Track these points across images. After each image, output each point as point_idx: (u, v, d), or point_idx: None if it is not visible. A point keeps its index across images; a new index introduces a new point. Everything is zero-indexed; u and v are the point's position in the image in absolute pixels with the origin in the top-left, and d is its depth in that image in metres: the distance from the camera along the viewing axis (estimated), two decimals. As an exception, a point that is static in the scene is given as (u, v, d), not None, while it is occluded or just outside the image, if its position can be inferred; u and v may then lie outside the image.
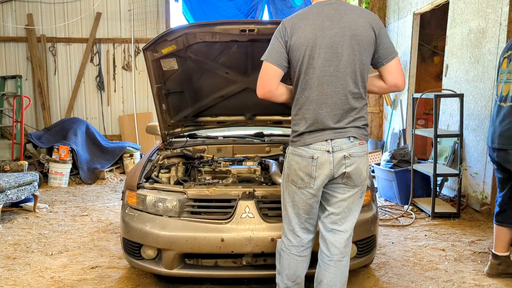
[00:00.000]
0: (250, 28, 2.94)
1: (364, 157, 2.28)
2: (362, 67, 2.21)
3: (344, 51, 2.17)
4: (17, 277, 3.16)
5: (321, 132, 2.22)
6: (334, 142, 2.21)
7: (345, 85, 2.19)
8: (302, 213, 2.33)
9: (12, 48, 7.57)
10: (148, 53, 3.13)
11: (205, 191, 2.80)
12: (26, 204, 4.99)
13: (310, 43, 2.18)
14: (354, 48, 2.17)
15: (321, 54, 2.17)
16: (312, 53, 2.18)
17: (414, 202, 4.89)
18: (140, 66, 7.70)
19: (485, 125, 4.59)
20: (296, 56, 2.21)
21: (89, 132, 6.98)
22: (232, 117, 3.91)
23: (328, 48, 2.17)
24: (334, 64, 2.18)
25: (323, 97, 2.20)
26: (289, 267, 2.39)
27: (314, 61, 2.18)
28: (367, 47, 2.19)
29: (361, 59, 2.19)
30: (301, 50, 2.19)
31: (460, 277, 3.15)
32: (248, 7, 7.43)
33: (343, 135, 2.22)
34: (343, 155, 2.21)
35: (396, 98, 6.95)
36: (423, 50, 7.44)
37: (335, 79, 2.19)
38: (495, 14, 4.46)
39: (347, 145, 2.22)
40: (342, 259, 2.32)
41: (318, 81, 2.20)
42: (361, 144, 2.26)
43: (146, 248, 2.79)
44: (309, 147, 2.22)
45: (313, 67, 2.19)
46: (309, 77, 2.21)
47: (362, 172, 2.27)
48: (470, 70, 4.90)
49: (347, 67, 2.18)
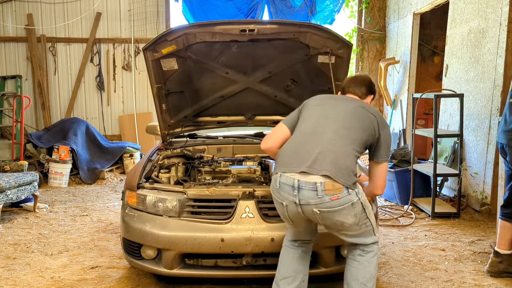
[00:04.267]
0: (250, 28, 2.94)
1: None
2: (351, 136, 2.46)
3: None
4: (17, 277, 3.16)
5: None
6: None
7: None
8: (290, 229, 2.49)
9: (12, 48, 7.57)
10: (148, 53, 3.13)
11: (205, 191, 2.80)
12: (26, 204, 4.99)
13: (319, 104, 2.58)
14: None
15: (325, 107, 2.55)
16: (318, 103, 2.61)
17: (414, 202, 4.89)
18: (140, 66, 7.69)
19: (485, 125, 4.59)
20: (304, 109, 2.60)
21: (89, 132, 6.98)
22: (232, 117, 3.90)
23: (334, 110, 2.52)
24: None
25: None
26: (281, 258, 2.48)
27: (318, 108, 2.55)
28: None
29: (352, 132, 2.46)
30: (309, 105, 2.62)
31: (460, 277, 3.15)
32: (248, 7, 7.42)
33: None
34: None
35: (396, 98, 6.95)
36: (423, 50, 7.44)
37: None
38: (495, 14, 4.46)
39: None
40: (365, 254, 2.37)
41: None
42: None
43: (146, 248, 2.79)
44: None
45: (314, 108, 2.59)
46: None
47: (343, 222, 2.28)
48: (470, 70, 4.90)
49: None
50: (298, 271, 2.46)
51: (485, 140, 4.58)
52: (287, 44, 3.20)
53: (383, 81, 6.99)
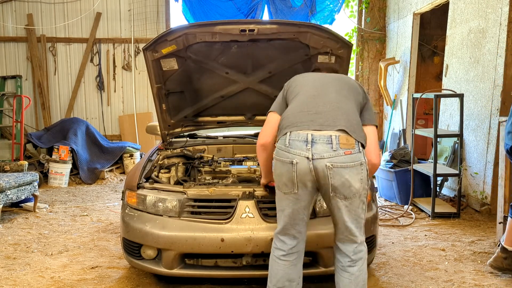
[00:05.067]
0: (250, 28, 2.94)
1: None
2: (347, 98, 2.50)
3: (330, 85, 2.52)
4: (17, 277, 3.16)
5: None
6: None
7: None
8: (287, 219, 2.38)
9: (12, 48, 7.57)
10: (148, 53, 3.13)
11: (205, 191, 2.80)
12: (26, 204, 4.99)
13: (302, 81, 2.60)
14: (337, 87, 2.50)
15: (308, 83, 2.57)
16: (302, 82, 2.60)
17: (414, 202, 4.89)
18: (140, 66, 7.69)
19: (485, 125, 4.59)
20: (290, 91, 2.60)
21: (89, 132, 6.98)
22: (232, 117, 3.90)
23: (318, 82, 2.56)
24: (321, 86, 2.50)
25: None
26: (271, 268, 2.41)
27: (302, 87, 2.55)
28: (355, 95, 2.51)
29: (345, 94, 2.49)
30: (294, 85, 2.60)
31: (460, 277, 3.15)
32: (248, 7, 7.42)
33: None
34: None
35: (396, 98, 6.95)
36: (423, 50, 7.44)
37: (322, 95, 2.47)
38: (495, 14, 4.46)
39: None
40: (354, 264, 2.31)
41: (303, 98, 2.53)
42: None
43: (146, 248, 2.79)
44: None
45: (301, 85, 2.59)
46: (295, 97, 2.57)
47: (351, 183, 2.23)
48: (470, 70, 4.90)
49: (330, 88, 2.51)
50: (291, 279, 2.39)
51: (485, 140, 4.58)
52: (287, 44, 3.20)
53: (383, 81, 6.99)
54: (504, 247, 3.09)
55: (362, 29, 7.58)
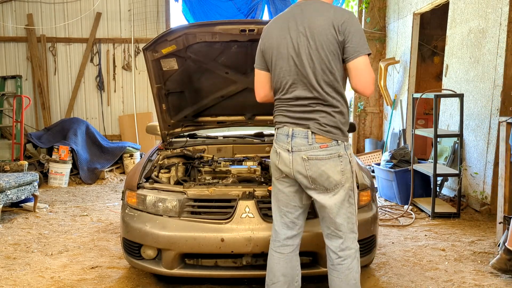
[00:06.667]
0: (250, 28, 2.94)
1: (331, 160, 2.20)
2: (323, 66, 2.16)
3: (303, 52, 2.18)
4: (17, 277, 3.16)
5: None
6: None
7: (309, 85, 2.19)
8: (281, 206, 2.38)
9: (12, 48, 7.57)
10: (148, 53, 3.13)
11: (205, 191, 2.80)
12: (26, 204, 4.99)
13: (275, 45, 2.26)
14: (311, 48, 2.16)
15: (283, 55, 2.23)
16: (277, 54, 2.25)
17: (414, 202, 4.89)
18: (140, 66, 7.69)
19: (485, 125, 4.59)
20: (266, 59, 2.32)
21: (89, 132, 6.98)
22: (232, 117, 3.90)
23: (291, 49, 2.21)
24: (297, 65, 2.20)
25: (291, 97, 2.26)
26: (268, 264, 2.43)
27: (279, 62, 2.25)
28: (327, 46, 2.14)
29: (321, 58, 2.15)
30: (269, 53, 2.29)
31: (460, 277, 3.15)
32: (248, 7, 7.43)
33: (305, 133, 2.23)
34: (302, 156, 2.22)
35: (396, 98, 6.95)
36: (423, 50, 7.44)
37: (298, 78, 2.21)
38: (495, 14, 4.46)
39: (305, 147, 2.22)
40: (343, 262, 2.28)
41: (284, 81, 2.26)
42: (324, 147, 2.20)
43: (146, 248, 2.79)
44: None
45: (280, 67, 2.26)
46: (277, 78, 2.29)
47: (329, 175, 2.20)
48: (470, 70, 4.90)
49: (307, 67, 2.18)
50: (286, 274, 2.39)
51: (485, 140, 4.58)
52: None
53: (383, 81, 7.00)
54: (508, 248, 3.08)
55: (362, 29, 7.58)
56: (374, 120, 7.82)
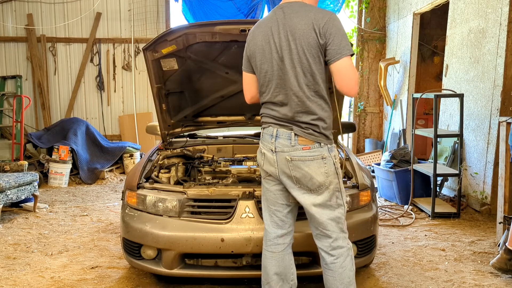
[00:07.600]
0: (250, 28, 2.93)
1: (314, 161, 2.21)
2: (305, 70, 2.17)
3: (286, 56, 2.20)
4: (17, 277, 3.16)
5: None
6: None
7: (292, 88, 2.20)
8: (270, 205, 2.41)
9: (12, 48, 7.57)
10: (148, 53, 3.13)
11: (205, 191, 2.80)
12: (26, 204, 4.99)
13: (259, 49, 2.28)
14: (293, 53, 2.17)
15: (268, 60, 2.25)
16: (262, 58, 2.27)
17: (414, 202, 4.89)
18: (140, 66, 7.69)
19: (485, 125, 4.60)
20: (252, 63, 2.35)
21: (89, 132, 6.98)
22: (232, 117, 3.90)
23: (274, 53, 2.23)
24: (280, 68, 2.22)
25: (275, 101, 2.28)
26: (262, 261, 2.45)
27: (264, 66, 2.27)
28: (308, 50, 2.15)
29: (303, 62, 2.17)
30: (254, 57, 2.32)
31: (460, 277, 3.15)
32: (248, 7, 7.42)
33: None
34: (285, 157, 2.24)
35: (396, 98, 6.95)
36: (423, 50, 7.44)
37: (282, 82, 2.23)
38: (495, 14, 4.46)
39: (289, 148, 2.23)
40: (335, 261, 2.28)
41: (269, 85, 2.28)
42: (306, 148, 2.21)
43: (146, 248, 2.79)
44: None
45: (265, 71, 2.27)
46: (262, 81, 2.31)
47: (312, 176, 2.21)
48: (470, 70, 4.90)
49: (289, 71, 2.20)
50: (278, 272, 2.40)
51: (485, 140, 4.58)
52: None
53: (383, 81, 7.00)
54: (508, 248, 3.07)
55: (362, 29, 7.58)
56: (374, 120, 7.82)
